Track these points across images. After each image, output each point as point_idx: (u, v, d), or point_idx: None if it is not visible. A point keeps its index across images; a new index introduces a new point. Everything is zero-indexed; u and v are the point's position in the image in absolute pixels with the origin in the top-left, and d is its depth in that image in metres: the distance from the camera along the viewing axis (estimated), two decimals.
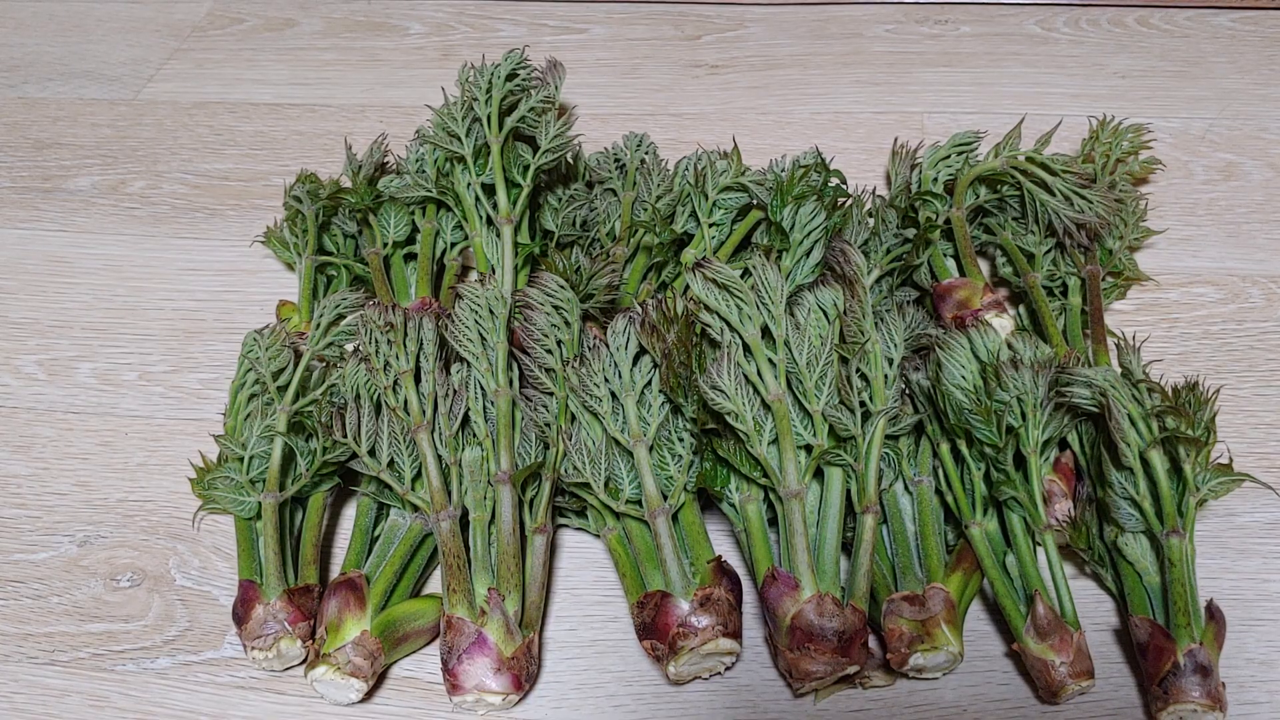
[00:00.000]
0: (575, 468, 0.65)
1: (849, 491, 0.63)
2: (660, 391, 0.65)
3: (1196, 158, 0.96)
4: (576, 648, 0.65)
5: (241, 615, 0.62)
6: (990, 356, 0.65)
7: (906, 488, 0.66)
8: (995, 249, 0.83)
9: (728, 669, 0.62)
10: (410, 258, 0.84)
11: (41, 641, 0.67)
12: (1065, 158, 0.78)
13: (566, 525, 0.70)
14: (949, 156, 0.84)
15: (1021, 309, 0.80)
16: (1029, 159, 0.78)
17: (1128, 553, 0.61)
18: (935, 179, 0.83)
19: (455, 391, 0.67)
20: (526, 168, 0.78)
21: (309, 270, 0.83)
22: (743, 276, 0.65)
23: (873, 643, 0.62)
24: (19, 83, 1.15)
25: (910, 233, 0.78)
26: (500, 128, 0.79)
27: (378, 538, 0.67)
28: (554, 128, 0.78)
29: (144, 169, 1.02)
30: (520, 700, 0.61)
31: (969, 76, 1.07)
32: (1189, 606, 0.57)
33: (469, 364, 0.68)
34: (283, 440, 0.67)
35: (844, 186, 0.79)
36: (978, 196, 0.81)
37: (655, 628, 0.60)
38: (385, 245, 0.83)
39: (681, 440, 0.65)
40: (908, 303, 0.75)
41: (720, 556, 0.62)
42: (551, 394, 0.67)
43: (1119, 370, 0.65)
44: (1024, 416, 0.62)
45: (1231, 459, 0.70)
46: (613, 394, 0.66)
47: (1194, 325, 0.80)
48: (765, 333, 0.64)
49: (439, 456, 0.65)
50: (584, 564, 0.69)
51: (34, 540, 0.72)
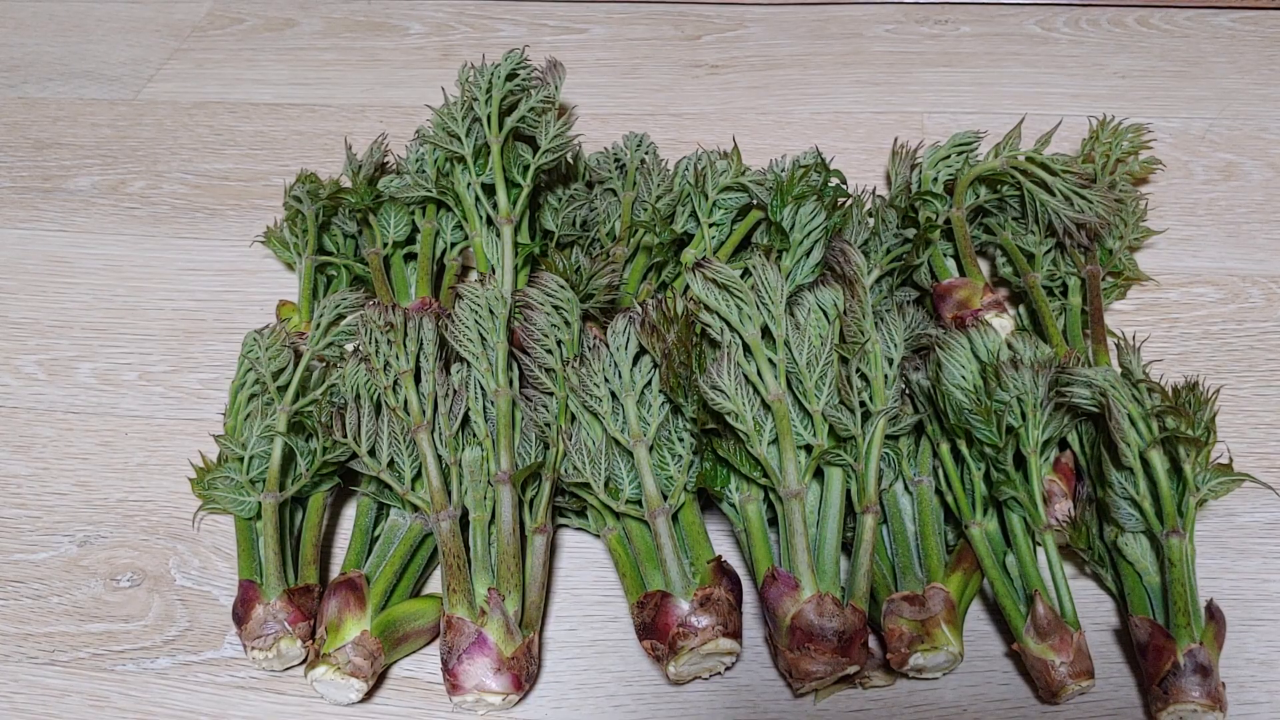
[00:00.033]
0: (575, 468, 0.65)
1: (849, 491, 0.63)
2: (660, 391, 0.65)
3: (1196, 158, 0.96)
4: (576, 648, 0.65)
5: (241, 615, 0.62)
6: (990, 356, 0.65)
7: (906, 488, 0.66)
8: (995, 249, 0.83)
9: (728, 669, 0.62)
10: (410, 258, 0.84)
11: (41, 641, 0.67)
12: (1065, 158, 0.78)
13: (566, 525, 0.70)
14: (949, 156, 0.84)
15: (1021, 309, 0.80)
16: (1029, 159, 0.78)
17: (1128, 553, 0.61)
18: (935, 179, 0.83)
19: (455, 391, 0.67)
20: (526, 168, 0.78)
21: (309, 270, 0.83)
22: (743, 276, 0.65)
23: (873, 643, 0.62)
24: (19, 83, 1.15)
25: (910, 233, 0.78)
26: (500, 128, 0.79)
27: (378, 538, 0.67)
28: (554, 128, 0.78)
29: (144, 169, 1.02)
30: (520, 700, 0.61)
31: (969, 76, 1.07)
32: (1189, 606, 0.57)
33: (469, 364, 0.68)
34: (283, 440, 0.67)
35: (844, 186, 0.79)
36: (978, 196, 0.81)
37: (655, 628, 0.60)
38: (385, 245, 0.83)
39: (681, 440, 0.65)
40: (908, 303, 0.75)
41: (720, 556, 0.62)
42: (551, 394, 0.67)
43: (1119, 370, 0.65)
44: (1024, 416, 0.62)
45: (1231, 459, 0.70)
46: (613, 394, 0.66)
47: (1194, 325, 0.80)
48: (765, 333, 0.64)
49: (439, 456, 0.65)
50: (584, 564, 0.69)
51: (34, 540, 0.72)
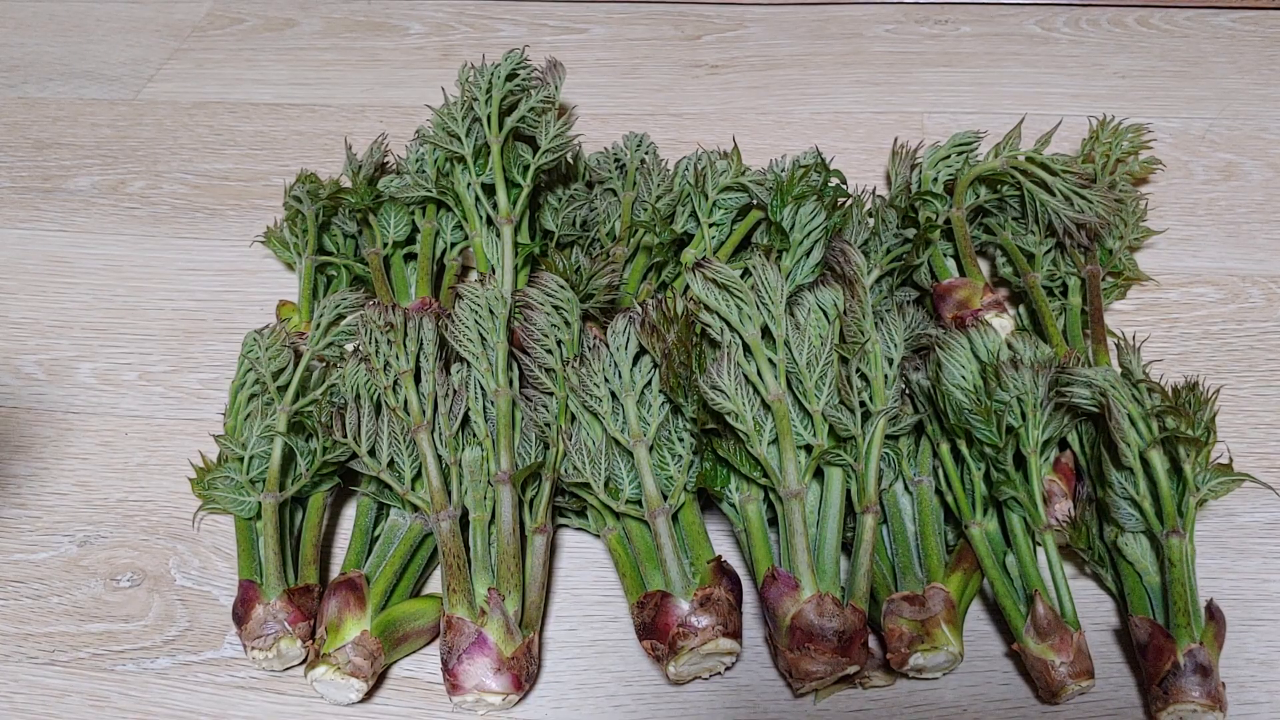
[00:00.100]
0: (575, 468, 0.65)
1: (849, 491, 0.63)
2: (660, 391, 0.65)
3: (1196, 158, 0.96)
4: (576, 648, 0.65)
5: (241, 615, 0.62)
6: (990, 356, 0.65)
7: (906, 488, 0.66)
8: (995, 249, 0.83)
9: (728, 669, 0.62)
10: (410, 258, 0.84)
11: (41, 641, 0.67)
12: (1065, 158, 0.78)
13: (566, 525, 0.70)
14: (949, 156, 0.84)
15: (1021, 309, 0.80)
16: (1029, 159, 0.78)
17: (1128, 553, 0.61)
18: (935, 179, 0.83)
19: (455, 391, 0.67)
20: (526, 168, 0.78)
21: (309, 270, 0.83)
22: (743, 276, 0.65)
23: (873, 643, 0.62)
24: (19, 83, 1.15)
25: (910, 233, 0.78)
26: (500, 128, 0.79)
27: (378, 538, 0.67)
28: (554, 128, 0.78)
29: (144, 169, 1.02)
30: (520, 700, 0.61)
31: (969, 76, 1.07)
32: (1189, 606, 0.57)
33: (469, 364, 0.68)
34: (283, 440, 0.67)
35: (844, 186, 0.79)
36: (978, 196, 0.81)
37: (655, 628, 0.60)
38: (385, 245, 0.83)
39: (681, 440, 0.65)
40: (908, 303, 0.75)
41: (720, 556, 0.62)
42: (551, 394, 0.67)
43: (1119, 370, 0.65)
44: (1024, 416, 0.62)
45: (1231, 459, 0.70)
46: (613, 394, 0.66)
47: (1194, 325, 0.80)
48: (765, 333, 0.64)
49: (439, 456, 0.65)
50: (584, 564, 0.69)
51: (34, 540, 0.72)
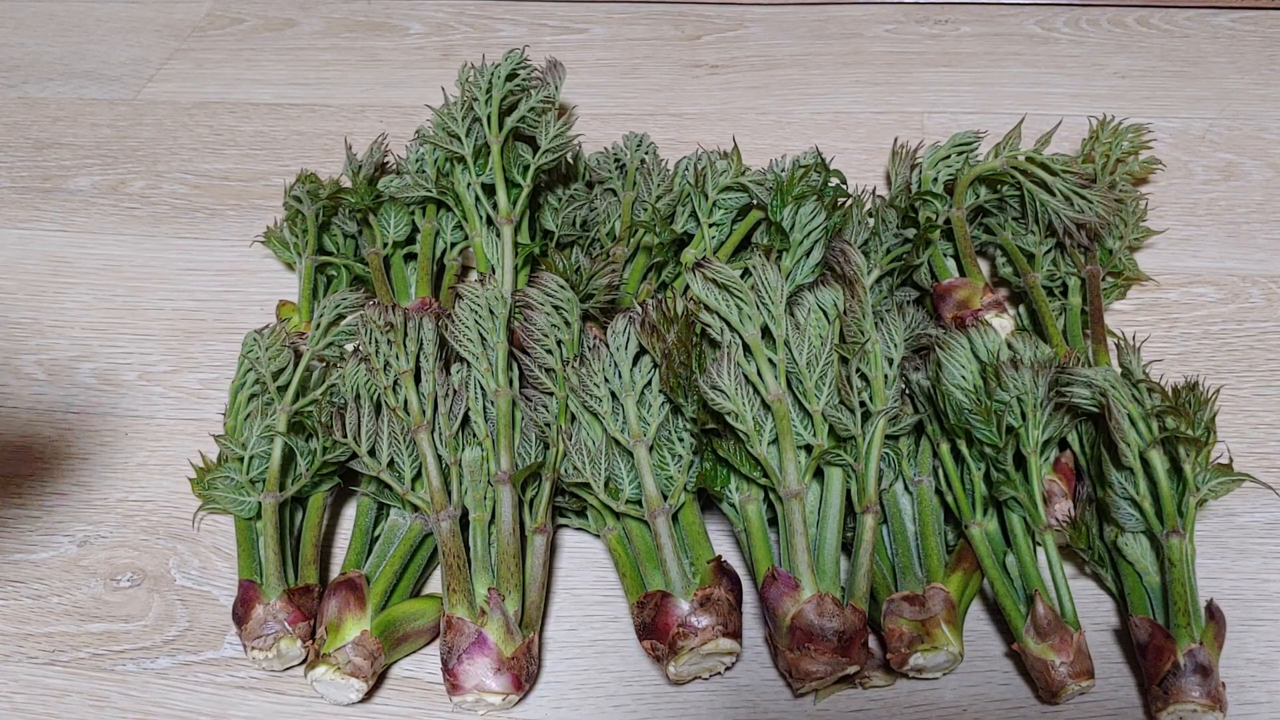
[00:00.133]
0: (575, 468, 0.65)
1: (849, 491, 0.63)
2: (660, 391, 0.65)
3: (1196, 158, 0.96)
4: (576, 648, 0.65)
5: (241, 615, 0.62)
6: (990, 356, 0.65)
7: (906, 488, 0.66)
8: (995, 249, 0.83)
9: (728, 669, 0.62)
10: (410, 258, 0.84)
11: (41, 641, 0.67)
12: (1065, 158, 0.78)
13: (566, 525, 0.70)
14: (949, 156, 0.84)
15: (1021, 309, 0.80)
16: (1029, 159, 0.78)
17: (1128, 553, 0.61)
18: (935, 179, 0.83)
19: (455, 391, 0.67)
20: (526, 168, 0.78)
21: (309, 270, 0.83)
22: (743, 276, 0.65)
23: (873, 643, 0.62)
24: (19, 83, 1.15)
25: (910, 233, 0.78)
26: (500, 128, 0.79)
27: (378, 538, 0.67)
28: (554, 128, 0.78)
29: (144, 169, 1.02)
30: (520, 700, 0.61)
31: (969, 76, 1.07)
32: (1189, 606, 0.57)
33: (469, 364, 0.68)
34: (283, 440, 0.67)
35: (844, 186, 0.79)
36: (978, 196, 0.81)
37: (655, 628, 0.60)
38: (385, 245, 0.83)
39: (681, 440, 0.65)
40: (908, 303, 0.75)
41: (720, 556, 0.62)
42: (551, 394, 0.67)
43: (1119, 370, 0.65)
44: (1024, 416, 0.62)
45: (1231, 459, 0.70)
46: (613, 394, 0.66)
47: (1194, 325, 0.80)
48: (765, 333, 0.64)
49: (439, 456, 0.65)
50: (584, 564, 0.69)
51: (34, 540, 0.72)
